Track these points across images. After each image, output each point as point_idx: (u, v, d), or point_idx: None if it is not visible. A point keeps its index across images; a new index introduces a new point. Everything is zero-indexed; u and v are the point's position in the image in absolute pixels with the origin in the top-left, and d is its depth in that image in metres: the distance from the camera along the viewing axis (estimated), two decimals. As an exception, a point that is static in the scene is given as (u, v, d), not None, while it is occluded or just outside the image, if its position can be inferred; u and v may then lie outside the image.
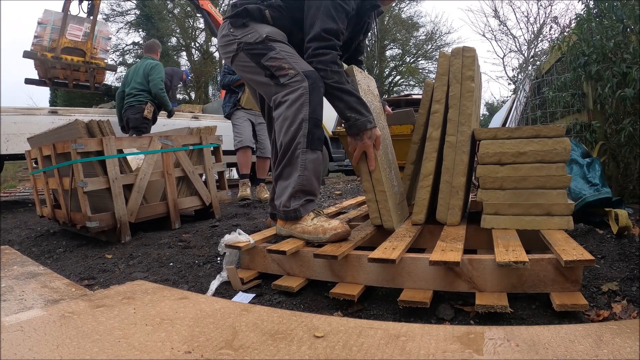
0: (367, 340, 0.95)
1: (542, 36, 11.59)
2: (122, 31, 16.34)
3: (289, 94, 1.50)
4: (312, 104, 1.49)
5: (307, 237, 1.50)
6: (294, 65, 1.53)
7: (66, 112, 4.94)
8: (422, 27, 20.28)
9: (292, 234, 1.56)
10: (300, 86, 1.49)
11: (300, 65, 1.53)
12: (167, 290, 1.41)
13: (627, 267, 1.38)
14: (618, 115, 2.49)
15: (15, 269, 1.91)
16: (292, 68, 1.52)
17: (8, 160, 5.15)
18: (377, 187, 1.61)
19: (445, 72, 1.71)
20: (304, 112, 1.48)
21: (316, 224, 1.49)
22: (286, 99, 1.51)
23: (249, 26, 1.62)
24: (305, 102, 1.48)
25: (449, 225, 1.64)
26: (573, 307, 1.06)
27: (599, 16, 2.63)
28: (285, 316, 1.12)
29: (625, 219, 1.64)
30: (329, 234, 1.45)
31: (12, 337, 1.02)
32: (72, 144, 2.21)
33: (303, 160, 1.50)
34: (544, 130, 1.54)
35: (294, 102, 1.49)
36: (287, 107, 1.51)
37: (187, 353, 0.92)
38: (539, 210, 1.51)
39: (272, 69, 1.55)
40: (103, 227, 2.29)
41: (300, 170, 1.51)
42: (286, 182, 1.55)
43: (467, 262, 1.21)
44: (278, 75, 1.53)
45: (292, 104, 1.49)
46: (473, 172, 2.01)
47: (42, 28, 5.18)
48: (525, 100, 4.30)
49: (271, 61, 1.55)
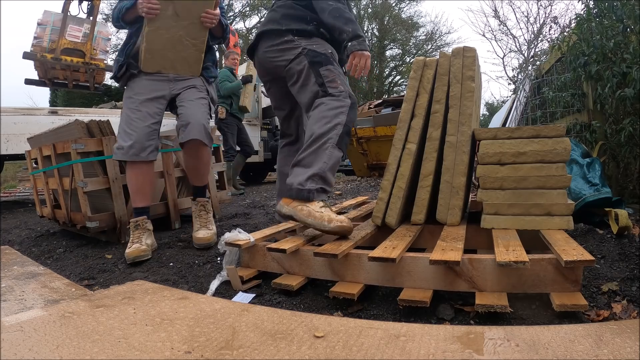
0: (367, 340, 0.94)
1: (542, 36, 11.61)
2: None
3: (333, 101, 1.67)
4: (349, 117, 1.66)
5: (310, 221, 1.50)
6: (344, 83, 1.73)
7: (66, 112, 4.94)
8: (422, 27, 20.30)
9: (294, 215, 1.55)
10: (345, 101, 1.67)
11: (347, 87, 1.72)
12: (167, 290, 1.41)
13: (627, 267, 1.38)
14: (618, 115, 2.49)
15: (15, 269, 1.91)
16: (342, 84, 1.72)
17: (8, 160, 5.16)
18: (398, 182, 1.64)
19: (446, 72, 1.71)
20: (342, 118, 1.64)
21: (323, 213, 1.50)
22: (330, 104, 1.67)
23: (313, 39, 1.81)
24: (344, 112, 1.65)
25: (449, 225, 1.64)
26: (573, 307, 1.06)
27: (599, 16, 2.63)
28: (285, 316, 1.12)
29: (625, 219, 1.64)
30: (334, 224, 1.46)
31: (12, 337, 1.02)
32: (72, 144, 2.21)
33: (330, 153, 1.60)
34: (544, 130, 1.54)
35: (336, 108, 1.65)
36: (329, 109, 1.65)
37: (187, 353, 0.92)
38: (539, 210, 1.51)
39: (325, 78, 1.71)
40: (103, 227, 2.29)
41: (325, 160, 1.60)
42: (305, 168, 1.61)
43: (467, 261, 1.21)
44: (328, 85, 1.70)
45: (334, 109, 1.65)
46: (473, 172, 2.01)
47: (42, 29, 5.17)
48: (525, 100, 4.30)
49: (327, 72, 1.72)
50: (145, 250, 1.91)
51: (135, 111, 2.01)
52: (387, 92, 19.59)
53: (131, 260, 1.86)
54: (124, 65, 2.07)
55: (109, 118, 2.70)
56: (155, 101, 2.05)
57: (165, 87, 2.08)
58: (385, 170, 1.71)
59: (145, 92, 2.04)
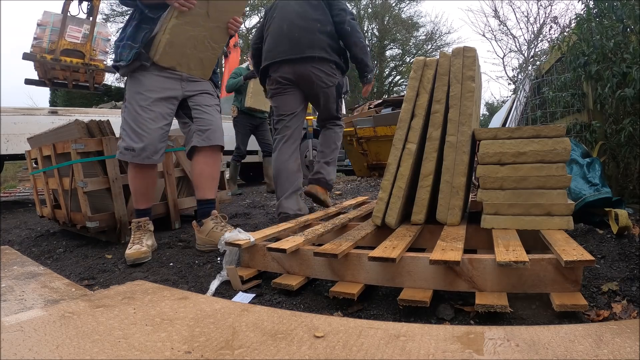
0: (367, 340, 0.94)
1: (542, 36, 11.61)
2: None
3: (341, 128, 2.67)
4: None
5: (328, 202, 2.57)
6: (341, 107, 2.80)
7: (66, 112, 4.94)
8: (422, 27, 20.29)
9: (326, 200, 2.55)
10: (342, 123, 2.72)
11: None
12: (167, 290, 1.41)
13: (627, 267, 1.38)
14: (618, 115, 2.49)
15: (15, 269, 1.91)
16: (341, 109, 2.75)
17: (8, 160, 5.15)
18: (398, 182, 1.65)
19: (446, 72, 1.71)
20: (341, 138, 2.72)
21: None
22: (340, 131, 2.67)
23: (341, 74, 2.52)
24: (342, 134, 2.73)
25: (449, 225, 1.64)
26: (573, 307, 1.06)
27: (599, 16, 2.63)
28: (285, 316, 1.12)
29: (625, 219, 1.64)
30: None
31: (12, 337, 1.02)
32: (72, 144, 2.21)
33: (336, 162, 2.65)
34: (544, 130, 1.54)
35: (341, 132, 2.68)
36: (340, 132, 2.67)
37: (187, 353, 0.92)
38: (539, 210, 1.51)
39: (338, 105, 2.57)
40: (103, 227, 2.29)
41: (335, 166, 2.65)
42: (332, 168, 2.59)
43: (467, 261, 1.21)
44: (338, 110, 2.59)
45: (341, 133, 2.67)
46: (473, 172, 2.01)
47: (42, 29, 5.17)
48: (525, 100, 4.29)
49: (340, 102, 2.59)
50: (145, 252, 1.89)
51: (147, 110, 1.90)
52: (387, 92, 19.59)
53: (131, 262, 1.85)
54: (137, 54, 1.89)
55: (109, 118, 2.70)
56: (168, 101, 1.96)
57: (177, 87, 1.98)
58: (385, 170, 1.71)
59: (157, 90, 1.92)
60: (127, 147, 1.89)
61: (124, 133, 1.93)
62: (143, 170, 1.97)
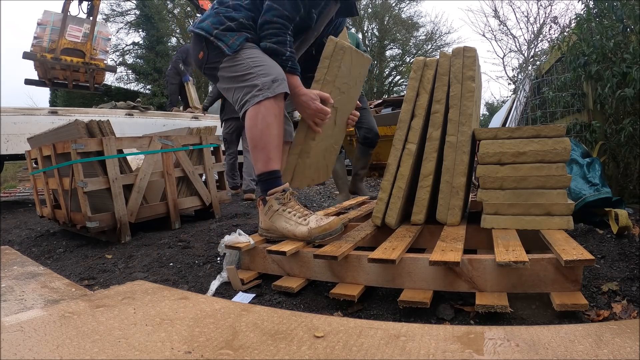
0: (367, 340, 0.94)
1: (542, 36, 11.60)
2: (122, 31, 16.29)
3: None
4: None
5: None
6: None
7: (66, 112, 4.93)
8: (422, 27, 20.29)
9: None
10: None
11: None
12: (167, 290, 1.41)
13: (627, 267, 1.38)
14: (618, 115, 2.49)
15: (15, 269, 1.91)
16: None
17: (8, 160, 5.15)
18: (398, 182, 1.65)
19: (446, 72, 1.70)
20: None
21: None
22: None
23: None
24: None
25: (449, 225, 1.64)
26: (573, 307, 1.06)
27: (599, 16, 2.63)
28: (285, 316, 1.12)
29: (625, 219, 1.64)
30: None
31: (12, 337, 1.02)
32: (72, 144, 2.21)
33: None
34: (544, 130, 1.54)
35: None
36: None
37: (187, 353, 0.92)
38: (539, 210, 1.51)
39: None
40: (103, 227, 2.29)
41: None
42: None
43: (467, 262, 1.21)
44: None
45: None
46: (473, 172, 2.01)
47: (42, 29, 5.18)
48: (525, 100, 4.30)
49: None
50: (336, 220, 1.50)
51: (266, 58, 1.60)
52: (387, 92, 19.58)
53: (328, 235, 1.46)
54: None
55: (109, 118, 2.70)
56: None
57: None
58: (385, 170, 1.71)
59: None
60: (253, 85, 1.56)
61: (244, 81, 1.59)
62: (277, 106, 1.57)
